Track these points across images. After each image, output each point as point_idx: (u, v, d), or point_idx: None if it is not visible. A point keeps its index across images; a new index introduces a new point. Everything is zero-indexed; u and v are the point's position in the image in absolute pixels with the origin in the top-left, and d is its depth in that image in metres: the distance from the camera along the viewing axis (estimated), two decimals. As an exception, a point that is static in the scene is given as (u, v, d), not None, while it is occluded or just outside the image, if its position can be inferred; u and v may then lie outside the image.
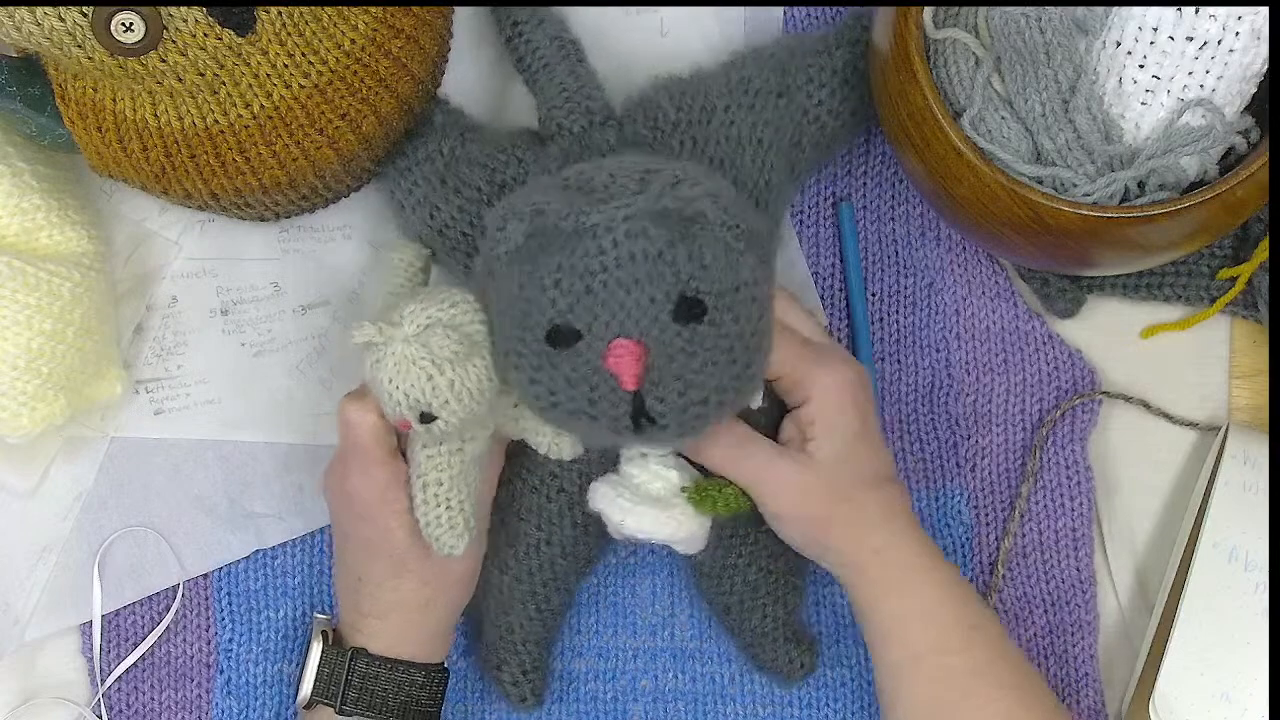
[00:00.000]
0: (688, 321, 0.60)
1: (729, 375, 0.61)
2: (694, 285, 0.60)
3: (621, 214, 0.59)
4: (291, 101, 0.66)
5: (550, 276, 0.60)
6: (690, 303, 0.60)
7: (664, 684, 0.77)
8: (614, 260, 0.59)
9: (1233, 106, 0.66)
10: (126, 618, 0.77)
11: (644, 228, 0.59)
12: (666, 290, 0.59)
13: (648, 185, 0.60)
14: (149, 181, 0.68)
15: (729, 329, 0.60)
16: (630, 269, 0.59)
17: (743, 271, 0.61)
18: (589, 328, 0.60)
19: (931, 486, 0.78)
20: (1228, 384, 0.79)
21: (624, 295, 0.59)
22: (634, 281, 0.59)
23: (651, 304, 0.59)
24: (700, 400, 0.61)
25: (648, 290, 0.59)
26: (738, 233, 0.61)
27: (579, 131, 0.71)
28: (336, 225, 0.78)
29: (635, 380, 0.60)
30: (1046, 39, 0.65)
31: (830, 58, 0.73)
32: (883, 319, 0.79)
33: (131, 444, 0.77)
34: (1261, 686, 0.71)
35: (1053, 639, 0.77)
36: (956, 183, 0.67)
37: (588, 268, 0.59)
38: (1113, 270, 0.76)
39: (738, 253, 0.61)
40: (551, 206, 0.60)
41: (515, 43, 0.74)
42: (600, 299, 0.59)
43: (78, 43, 0.62)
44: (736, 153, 0.70)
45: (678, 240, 0.59)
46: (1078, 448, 0.78)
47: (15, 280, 0.69)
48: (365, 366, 0.64)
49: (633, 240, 0.59)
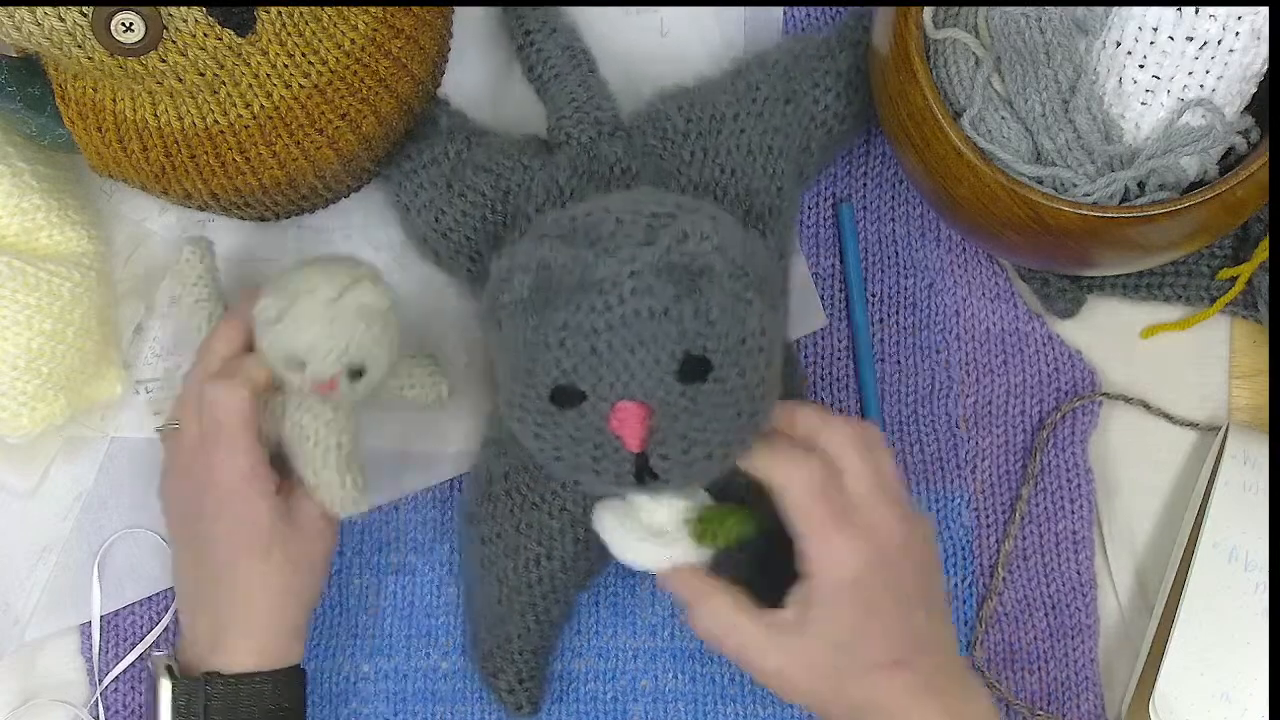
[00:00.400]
0: (692, 380, 0.59)
1: (734, 429, 0.61)
2: (700, 343, 0.59)
3: (628, 269, 0.59)
4: (291, 101, 0.66)
5: (555, 335, 0.59)
6: (696, 361, 0.59)
7: (664, 684, 0.77)
8: (619, 318, 0.58)
9: (1233, 106, 0.66)
10: (126, 618, 0.77)
11: (650, 285, 0.58)
12: (671, 350, 0.59)
13: (655, 237, 0.60)
14: (149, 181, 0.68)
15: (734, 383, 0.60)
16: (635, 328, 0.58)
17: (750, 322, 0.60)
18: (594, 389, 0.59)
19: (932, 488, 0.78)
20: (1228, 384, 0.79)
21: (629, 356, 0.59)
22: (639, 341, 0.58)
23: (657, 365, 0.59)
24: (705, 455, 0.61)
25: (652, 351, 0.59)
26: (746, 282, 0.60)
27: (587, 142, 0.71)
28: (336, 225, 0.78)
29: (640, 443, 0.60)
30: (1046, 39, 0.65)
31: (834, 60, 0.73)
32: (883, 319, 0.79)
33: (131, 444, 0.77)
34: (1261, 686, 0.71)
35: (1053, 642, 0.77)
36: (956, 183, 0.67)
37: (593, 326, 0.59)
38: (1113, 270, 0.76)
39: (745, 303, 0.60)
40: (557, 260, 0.59)
41: (526, 51, 0.74)
42: (605, 360, 0.59)
43: (78, 43, 0.62)
44: (747, 161, 0.70)
45: (684, 295, 0.59)
46: (1078, 449, 0.78)
47: (15, 280, 0.69)
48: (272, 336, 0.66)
49: (638, 298, 0.58)
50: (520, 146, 0.73)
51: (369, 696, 0.76)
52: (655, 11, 0.79)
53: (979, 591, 0.77)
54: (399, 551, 0.77)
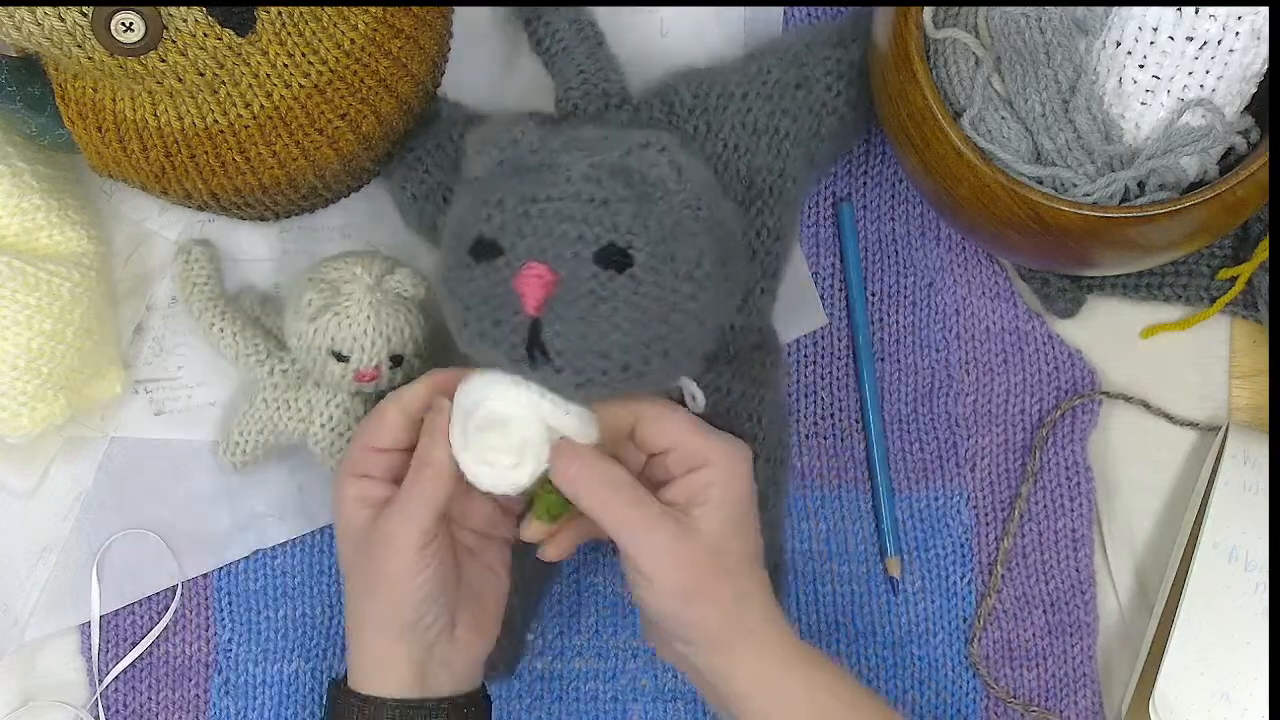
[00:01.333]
0: (608, 267, 0.59)
1: (637, 338, 0.59)
2: (628, 239, 0.59)
3: (586, 160, 0.59)
4: (291, 101, 0.66)
5: (495, 197, 0.60)
6: (617, 251, 0.59)
7: (664, 684, 0.77)
8: (559, 194, 0.59)
9: (1233, 106, 0.66)
10: (126, 618, 0.77)
11: (600, 176, 0.59)
12: (598, 233, 0.59)
13: (621, 143, 0.60)
14: (149, 181, 0.68)
15: (649, 291, 0.59)
16: (571, 204, 0.59)
17: (687, 247, 0.60)
18: (512, 245, 0.59)
19: (931, 486, 0.78)
20: (1228, 384, 0.79)
21: (555, 224, 0.59)
22: (570, 216, 0.59)
23: (579, 239, 0.59)
24: (600, 351, 0.59)
25: (579, 227, 0.59)
26: (697, 214, 0.60)
27: (594, 114, 0.71)
28: (336, 225, 0.78)
29: (537, 305, 0.59)
30: (1046, 39, 0.65)
31: (847, 50, 0.73)
32: (882, 319, 0.79)
33: (131, 444, 0.77)
34: (1261, 686, 0.71)
35: (1051, 639, 0.77)
36: (956, 183, 0.67)
37: (534, 195, 0.59)
38: (1113, 270, 0.76)
39: (689, 232, 0.60)
40: (526, 138, 0.60)
41: (534, 24, 0.74)
42: (533, 223, 0.59)
43: (78, 43, 0.62)
44: (752, 140, 0.70)
45: (630, 198, 0.59)
46: (1078, 448, 0.78)
47: (15, 280, 0.68)
48: (315, 330, 0.68)
49: (585, 182, 0.59)
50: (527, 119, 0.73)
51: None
52: (655, 11, 0.79)
53: (978, 589, 0.77)
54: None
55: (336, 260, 0.70)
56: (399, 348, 0.70)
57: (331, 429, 0.72)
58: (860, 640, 0.77)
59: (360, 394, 0.72)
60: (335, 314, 0.68)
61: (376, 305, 0.68)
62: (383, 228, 0.78)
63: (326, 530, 0.78)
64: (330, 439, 0.72)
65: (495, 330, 0.60)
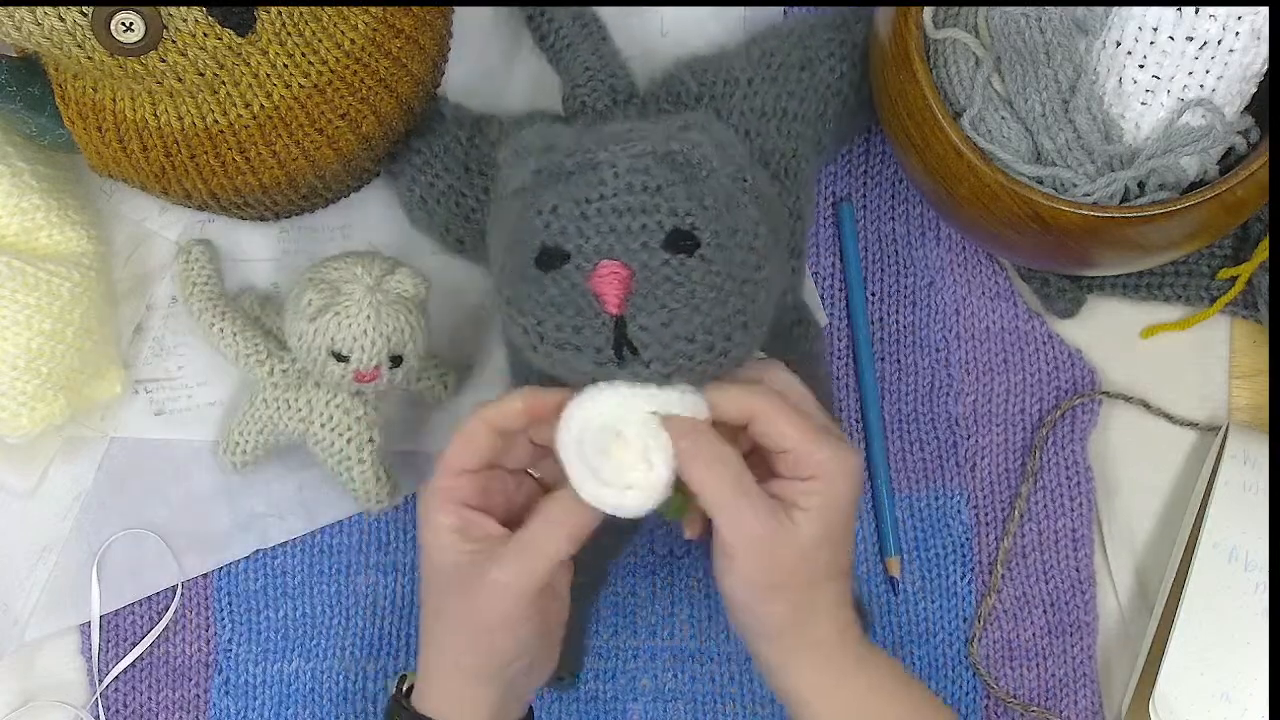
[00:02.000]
0: (678, 252, 0.58)
1: (717, 316, 0.59)
2: (689, 220, 0.59)
3: (627, 152, 0.59)
4: (291, 101, 0.66)
5: (548, 205, 0.59)
6: (683, 235, 0.58)
7: (664, 684, 0.77)
8: (611, 190, 0.58)
9: (1233, 106, 0.66)
10: (126, 617, 0.77)
11: (646, 165, 0.59)
12: (660, 220, 0.58)
13: (658, 129, 0.60)
14: (149, 181, 0.68)
15: (721, 268, 0.59)
16: (626, 198, 0.58)
17: (743, 218, 0.60)
18: (579, 249, 0.59)
19: (931, 486, 0.78)
20: (1228, 384, 0.79)
21: (615, 220, 0.58)
22: (628, 209, 0.58)
23: (643, 230, 0.58)
24: (686, 336, 0.59)
25: (640, 218, 0.58)
26: (745, 186, 0.60)
27: (602, 109, 0.71)
28: (336, 225, 0.78)
29: (619, 303, 0.58)
30: (1046, 39, 0.65)
31: (850, 31, 0.73)
32: (882, 319, 0.79)
33: (131, 444, 0.77)
34: (1261, 686, 0.71)
35: (1051, 639, 0.77)
36: (956, 183, 0.67)
37: (585, 196, 0.59)
38: (1113, 270, 0.76)
39: (740, 204, 0.60)
40: (561, 142, 0.60)
41: (538, 20, 0.74)
42: (593, 223, 0.58)
43: (78, 43, 0.62)
44: (761, 123, 0.70)
45: (680, 181, 0.59)
46: (1078, 448, 0.78)
47: (15, 280, 0.68)
48: (316, 330, 0.68)
49: (634, 174, 0.59)
50: (532, 118, 0.73)
51: (373, 695, 0.77)
52: (655, 11, 0.79)
53: (978, 588, 0.77)
54: (400, 551, 0.78)
55: (336, 260, 0.70)
56: (399, 348, 0.70)
57: (331, 429, 0.72)
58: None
59: (360, 394, 0.72)
60: (335, 314, 0.68)
61: (377, 305, 0.68)
62: (383, 228, 0.78)
63: (327, 530, 0.78)
64: (330, 439, 0.72)
65: (578, 336, 0.59)
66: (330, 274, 0.69)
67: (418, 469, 0.77)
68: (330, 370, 0.69)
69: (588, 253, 0.58)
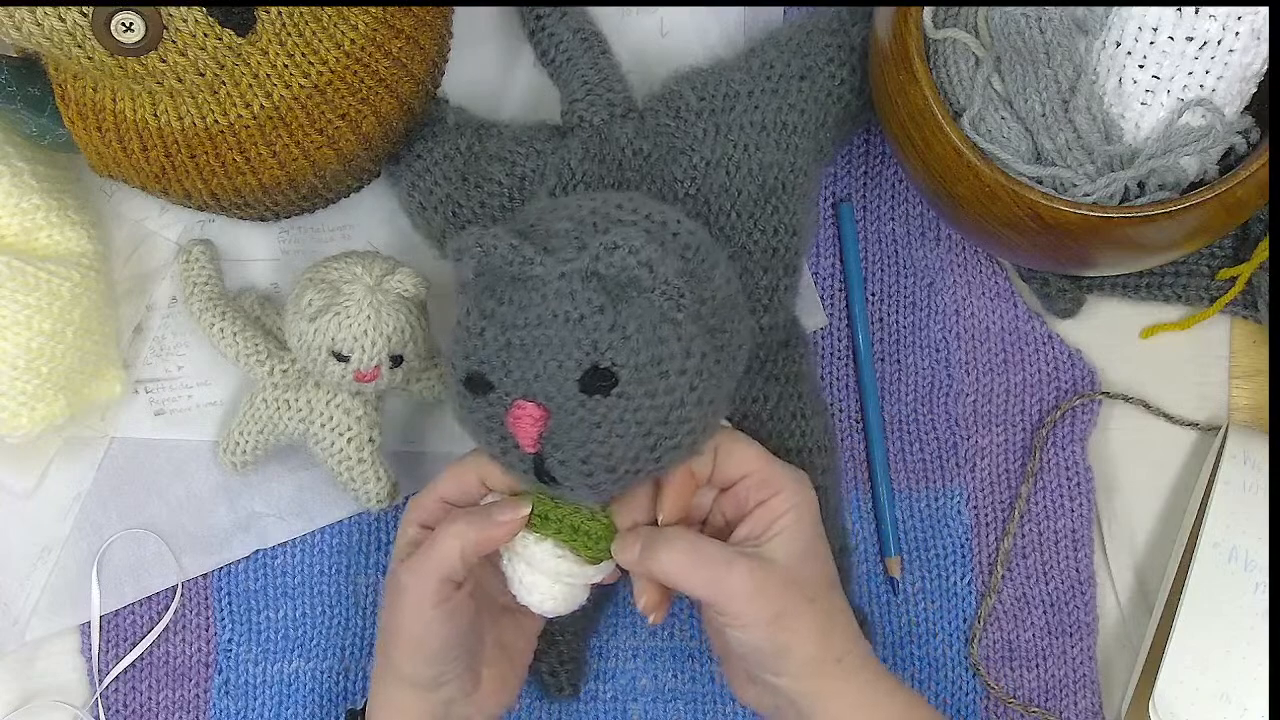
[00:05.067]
0: (594, 393, 0.58)
1: (640, 446, 0.59)
2: (609, 356, 0.58)
3: (559, 271, 0.58)
4: (291, 101, 0.66)
5: (478, 322, 0.60)
6: (600, 373, 0.58)
7: (664, 684, 0.77)
8: (537, 317, 0.58)
9: (1233, 106, 0.66)
10: (126, 617, 0.77)
11: (573, 290, 0.58)
12: (579, 358, 0.58)
13: (589, 243, 0.59)
14: (149, 181, 0.68)
15: (642, 402, 0.58)
16: (548, 330, 0.58)
17: (670, 345, 0.58)
18: (500, 381, 0.59)
19: (931, 486, 0.78)
20: (1228, 384, 0.79)
21: (536, 356, 0.58)
22: (549, 344, 0.58)
23: (559, 369, 0.58)
24: (607, 468, 0.60)
25: (559, 355, 0.58)
26: (678, 303, 0.59)
27: (600, 124, 0.71)
28: (336, 225, 0.78)
29: (533, 443, 0.59)
30: (1046, 39, 0.65)
31: (847, 35, 0.73)
32: (882, 319, 0.79)
33: (131, 444, 0.77)
34: (1261, 686, 0.71)
35: (1051, 639, 0.77)
36: (956, 183, 0.67)
37: (512, 320, 0.59)
38: (1113, 270, 0.76)
39: (672, 323, 0.59)
40: (499, 250, 0.59)
41: (538, 35, 0.74)
42: (515, 355, 0.59)
43: (78, 43, 0.62)
44: (761, 137, 0.70)
45: (607, 306, 0.58)
46: (1078, 448, 0.78)
47: (15, 280, 0.68)
48: (316, 330, 0.68)
49: (560, 300, 0.58)
50: (532, 133, 0.73)
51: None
52: (655, 11, 0.79)
53: (978, 589, 0.77)
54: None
55: (336, 260, 0.70)
56: (399, 348, 0.70)
57: (331, 429, 0.72)
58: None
59: (360, 394, 0.72)
60: (335, 314, 0.68)
61: (377, 305, 0.68)
62: (383, 228, 0.78)
63: (327, 530, 0.78)
64: (330, 439, 0.72)
65: (504, 457, 0.61)
66: (330, 274, 0.69)
67: (418, 469, 0.77)
68: (330, 370, 0.69)
69: (508, 386, 0.59)
